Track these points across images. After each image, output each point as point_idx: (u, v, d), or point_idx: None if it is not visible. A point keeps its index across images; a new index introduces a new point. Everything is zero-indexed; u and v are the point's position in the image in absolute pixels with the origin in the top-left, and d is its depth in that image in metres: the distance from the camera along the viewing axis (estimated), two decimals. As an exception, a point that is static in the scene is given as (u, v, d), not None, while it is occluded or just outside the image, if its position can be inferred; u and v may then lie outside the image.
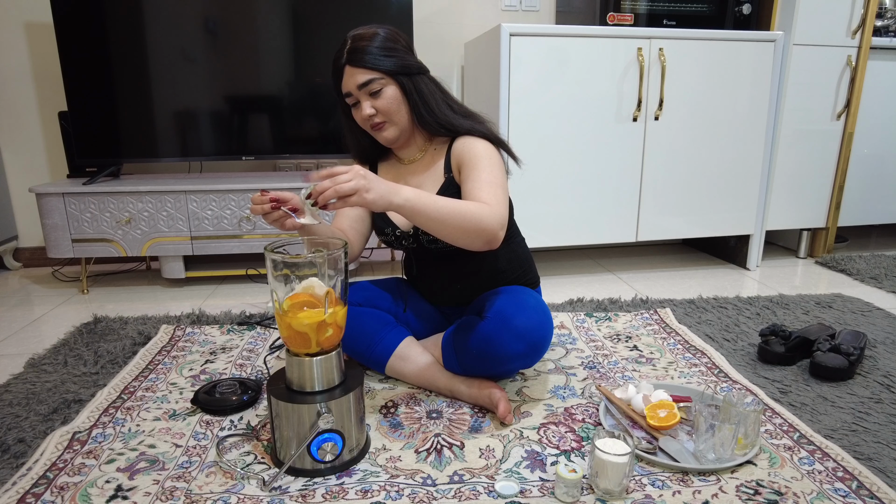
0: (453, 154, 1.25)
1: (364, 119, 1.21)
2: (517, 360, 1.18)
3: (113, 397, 1.27)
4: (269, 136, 2.14)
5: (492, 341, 1.16)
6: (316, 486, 0.99)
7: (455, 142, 1.26)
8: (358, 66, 1.16)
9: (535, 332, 1.17)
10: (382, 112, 1.20)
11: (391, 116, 1.21)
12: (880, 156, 2.40)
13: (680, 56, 2.02)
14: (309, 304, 0.98)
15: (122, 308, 1.90)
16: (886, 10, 2.32)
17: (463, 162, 1.22)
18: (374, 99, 1.19)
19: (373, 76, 1.17)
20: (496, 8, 2.41)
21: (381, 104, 1.19)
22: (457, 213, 1.06)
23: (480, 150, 1.20)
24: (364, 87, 1.17)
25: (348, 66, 1.17)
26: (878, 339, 1.58)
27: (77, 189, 1.94)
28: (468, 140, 1.23)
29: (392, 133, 1.23)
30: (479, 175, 1.17)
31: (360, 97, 1.19)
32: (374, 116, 1.20)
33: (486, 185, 1.15)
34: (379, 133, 1.23)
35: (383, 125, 1.22)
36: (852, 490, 0.97)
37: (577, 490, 0.95)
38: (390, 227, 1.32)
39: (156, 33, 2.00)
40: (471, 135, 1.24)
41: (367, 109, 1.19)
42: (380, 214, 1.33)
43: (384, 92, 1.18)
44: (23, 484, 0.98)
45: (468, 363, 1.22)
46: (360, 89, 1.18)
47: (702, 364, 1.44)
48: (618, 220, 2.14)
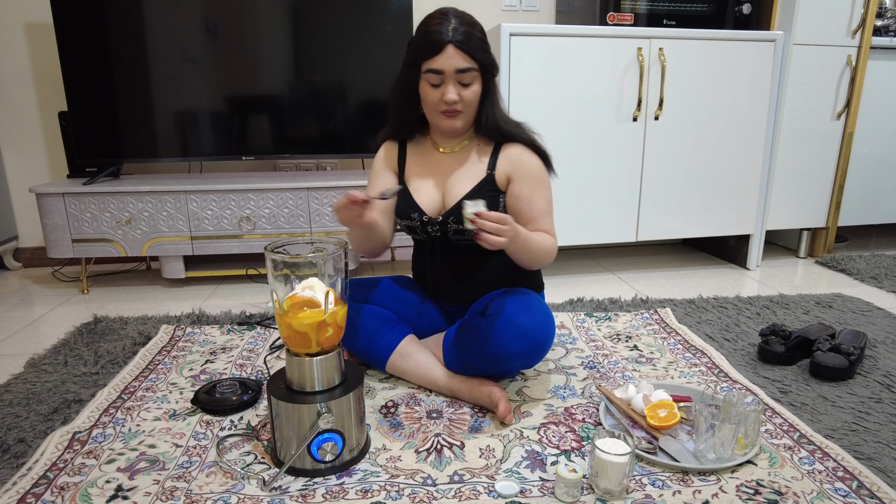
0: (503, 158, 1.27)
1: (441, 101, 1.20)
2: (519, 359, 1.18)
3: (113, 397, 1.27)
4: (269, 136, 2.14)
5: (494, 339, 1.17)
6: (316, 486, 0.99)
7: (506, 147, 1.28)
8: (464, 51, 1.16)
9: (537, 331, 1.18)
10: (464, 102, 1.20)
11: (468, 109, 1.22)
12: (880, 156, 2.40)
13: (680, 56, 2.02)
14: (309, 305, 0.98)
15: (122, 308, 1.90)
16: (886, 9, 2.32)
17: (519, 175, 1.26)
18: (462, 88, 1.19)
19: (473, 66, 1.17)
20: (496, 8, 2.41)
21: (467, 95, 1.20)
22: (542, 250, 1.22)
23: (536, 170, 1.27)
24: (460, 72, 1.17)
25: (453, 46, 1.15)
26: (878, 339, 1.58)
27: (77, 189, 1.94)
28: (524, 153, 1.27)
29: (461, 123, 1.24)
30: (539, 202, 1.27)
31: (450, 80, 1.18)
32: (455, 103, 1.19)
33: (546, 216, 1.28)
34: (449, 119, 1.23)
35: (458, 114, 1.22)
36: (852, 490, 0.97)
37: (578, 490, 0.95)
38: (417, 213, 1.30)
39: (156, 33, 2.00)
40: (523, 144, 1.27)
41: (452, 94, 1.18)
42: (405, 198, 1.32)
43: (472, 86, 1.20)
44: (23, 484, 0.98)
45: (469, 361, 1.22)
46: (456, 73, 1.17)
47: (702, 364, 1.44)
48: (618, 220, 2.14)
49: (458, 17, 1.17)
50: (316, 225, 2.06)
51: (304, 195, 2.02)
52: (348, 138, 2.17)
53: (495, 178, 1.27)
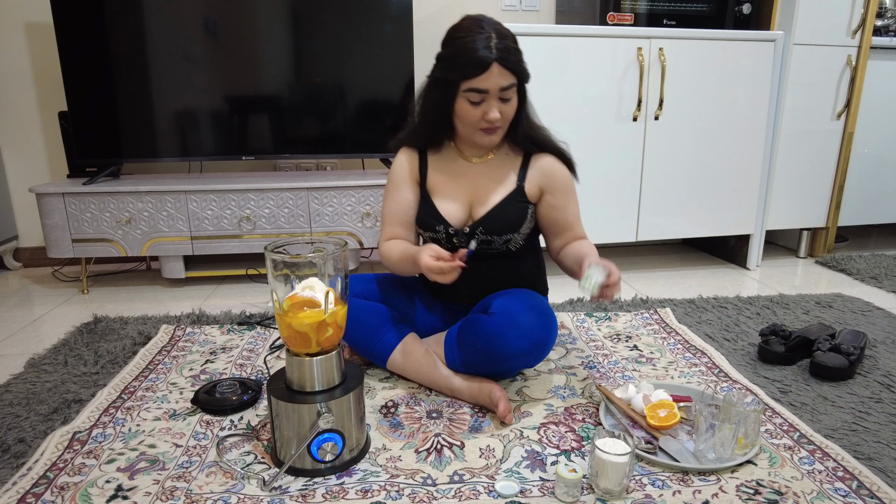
0: (534, 170, 1.27)
1: (483, 119, 1.16)
2: (520, 357, 1.19)
3: (113, 397, 1.27)
4: (269, 136, 2.14)
5: (497, 337, 1.17)
6: (316, 486, 0.99)
7: (535, 157, 1.27)
8: (508, 68, 1.11)
9: (539, 330, 1.18)
10: (504, 118, 1.17)
11: (507, 124, 1.19)
12: (880, 156, 2.40)
13: (680, 56, 2.02)
14: (309, 305, 0.98)
15: (122, 308, 1.90)
16: (886, 9, 2.32)
17: (553, 187, 1.27)
18: (503, 104, 1.15)
19: (514, 82, 1.14)
20: (496, 8, 2.41)
21: (507, 110, 1.17)
22: None
23: (568, 180, 1.28)
24: (504, 90, 1.13)
25: (497, 65, 1.10)
26: (878, 339, 1.58)
27: (77, 189, 1.94)
28: (555, 164, 1.27)
29: (499, 137, 1.22)
30: (573, 209, 1.30)
31: (493, 98, 1.14)
32: (497, 120, 1.16)
33: (579, 220, 1.32)
34: (488, 135, 1.19)
35: (497, 129, 1.19)
36: (852, 490, 0.97)
37: (577, 490, 0.95)
38: (442, 225, 1.27)
39: (156, 33, 2.00)
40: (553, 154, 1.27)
41: (496, 113, 1.14)
42: (428, 210, 1.29)
43: (513, 99, 1.17)
44: (23, 484, 0.98)
45: (471, 359, 1.22)
46: (499, 91, 1.13)
47: (702, 364, 1.44)
48: (618, 220, 2.14)
49: (495, 29, 1.12)
50: (316, 225, 2.06)
51: (304, 195, 2.02)
52: (348, 138, 2.17)
53: (525, 190, 1.27)
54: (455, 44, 1.14)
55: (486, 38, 1.10)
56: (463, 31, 1.14)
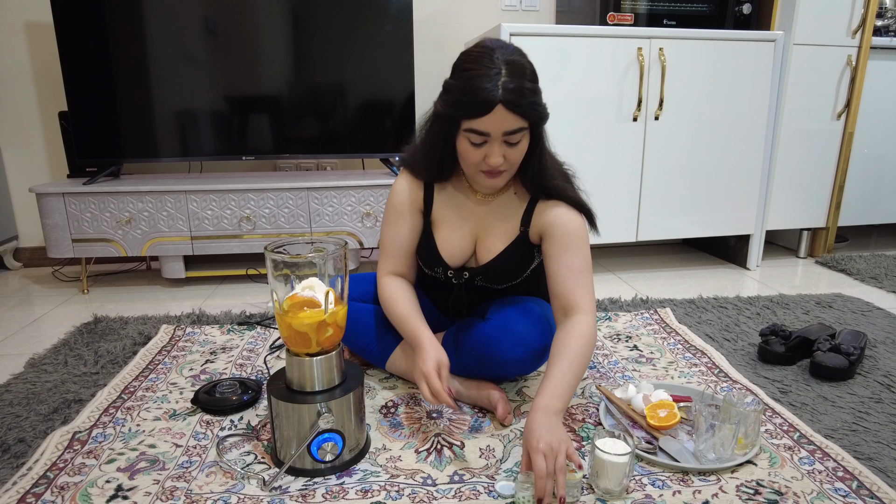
0: (539, 216, 1.15)
1: (485, 163, 1.05)
2: (515, 365, 1.18)
3: (113, 397, 1.27)
4: (269, 136, 2.14)
5: (491, 344, 1.16)
6: (316, 486, 0.99)
7: (543, 203, 1.15)
8: (514, 112, 0.98)
9: (535, 339, 1.17)
10: (509, 162, 1.05)
11: (512, 167, 1.07)
12: (880, 156, 2.40)
13: (680, 56, 2.02)
14: (309, 305, 0.98)
15: (122, 308, 1.90)
16: (886, 9, 2.32)
17: (554, 236, 1.12)
18: (508, 148, 1.03)
19: (523, 126, 1.01)
20: (496, 8, 2.41)
21: (513, 155, 1.04)
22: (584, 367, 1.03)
23: (574, 229, 1.11)
24: (509, 134, 1.01)
25: (503, 107, 0.97)
26: (879, 339, 1.58)
27: (77, 189, 1.94)
28: (562, 212, 1.12)
29: (504, 181, 1.10)
30: (573, 263, 1.09)
31: (495, 142, 1.02)
32: (500, 165, 1.04)
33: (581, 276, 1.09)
34: (489, 180, 1.08)
35: (500, 174, 1.07)
36: (852, 490, 0.97)
37: (577, 490, 0.95)
38: (441, 267, 1.23)
39: (156, 33, 2.00)
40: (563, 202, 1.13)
41: (497, 158, 1.02)
42: (428, 249, 1.22)
43: (521, 144, 1.04)
44: (23, 484, 0.98)
45: (466, 364, 1.21)
46: (503, 135, 1.01)
47: (702, 364, 1.44)
48: (618, 220, 2.14)
49: (508, 66, 0.98)
50: (316, 225, 2.06)
51: (304, 195, 2.02)
52: (348, 138, 2.17)
53: (529, 236, 1.17)
54: (461, 76, 1.02)
55: (494, 76, 0.97)
56: (471, 61, 1.01)
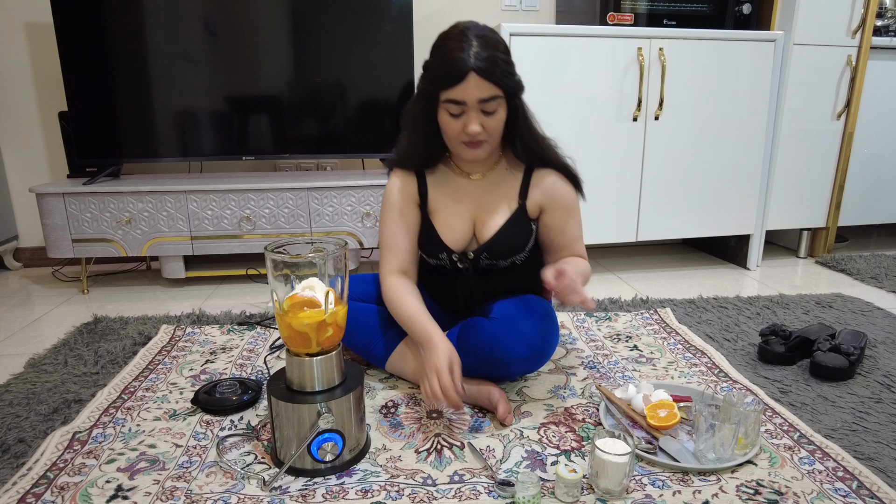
0: (535, 188, 1.21)
1: (463, 133, 1.11)
2: (520, 364, 1.18)
3: (113, 397, 1.27)
4: (269, 136, 2.14)
5: (496, 343, 1.16)
6: (316, 486, 0.99)
7: (538, 173, 1.21)
8: (487, 79, 1.05)
9: (539, 338, 1.17)
10: (488, 132, 1.11)
11: (492, 137, 1.13)
12: (880, 156, 2.40)
13: (680, 56, 2.02)
14: (309, 305, 0.98)
15: (122, 308, 1.90)
16: (886, 9, 2.32)
17: (553, 207, 1.23)
18: (486, 117, 1.09)
19: (497, 94, 1.07)
20: (496, 8, 2.41)
21: (491, 124, 1.10)
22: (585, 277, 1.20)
23: (571, 199, 1.24)
24: (484, 102, 1.07)
25: (475, 74, 1.04)
26: (879, 339, 1.58)
27: (77, 189, 1.94)
28: (558, 181, 1.22)
29: (485, 152, 1.15)
30: (574, 229, 1.26)
31: (472, 111, 1.08)
32: (479, 134, 1.10)
33: (578, 241, 1.28)
34: (472, 150, 1.13)
35: (481, 144, 1.12)
36: (852, 490, 0.97)
37: (578, 490, 0.95)
38: (445, 252, 1.24)
39: (156, 33, 2.00)
40: (556, 170, 1.21)
41: (475, 126, 1.08)
42: (430, 238, 1.25)
43: (497, 113, 1.10)
44: (23, 484, 0.98)
45: (470, 363, 1.21)
46: (479, 103, 1.07)
47: (702, 364, 1.44)
48: (618, 220, 2.14)
49: (479, 39, 1.06)
50: (316, 225, 2.06)
51: (304, 195, 2.02)
52: (348, 138, 2.17)
53: (527, 208, 1.23)
54: (437, 52, 1.10)
55: (467, 48, 1.04)
56: (447, 39, 1.09)
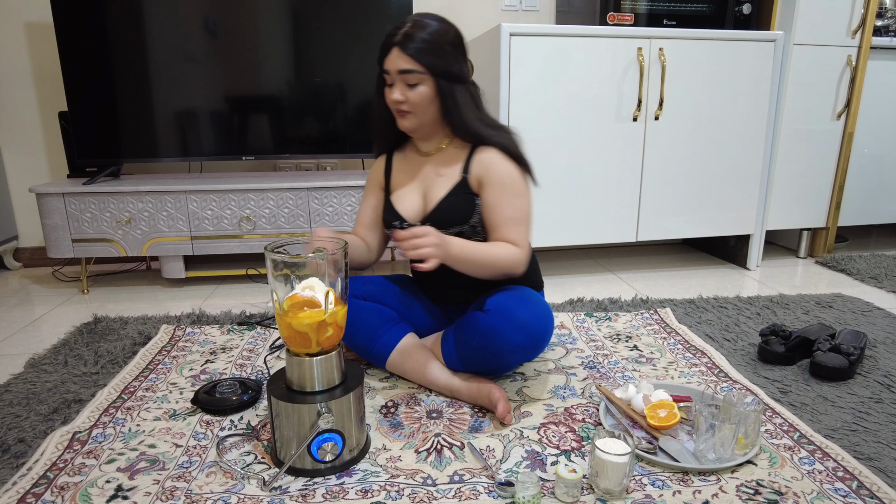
0: (476, 161, 1.28)
1: (392, 101, 1.24)
2: (518, 352, 1.19)
3: (113, 397, 1.27)
4: (269, 136, 2.14)
5: (494, 333, 1.17)
6: (316, 486, 0.99)
7: (480, 150, 1.28)
8: (405, 53, 1.19)
9: (536, 324, 1.19)
10: (410, 103, 1.23)
11: (416, 110, 1.24)
12: (880, 156, 2.40)
13: (680, 56, 2.02)
14: (309, 305, 0.98)
15: (122, 308, 1.90)
16: (886, 9, 2.32)
17: (488, 181, 1.26)
18: (408, 89, 1.22)
19: (414, 68, 1.19)
20: (496, 8, 2.41)
21: (413, 96, 1.22)
22: (495, 262, 1.22)
23: (506, 175, 1.25)
24: (403, 73, 1.20)
25: (396, 48, 1.19)
26: (879, 339, 1.58)
27: (77, 189, 1.94)
28: (496, 157, 1.26)
29: (411, 123, 1.26)
30: (506, 210, 1.25)
31: (396, 81, 1.22)
32: (401, 103, 1.23)
33: (514, 224, 1.26)
34: (400, 119, 1.27)
35: (407, 114, 1.25)
36: (852, 490, 0.97)
37: (577, 490, 0.95)
38: (398, 221, 1.34)
39: (156, 33, 2.00)
40: (495, 146, 1.27)
41: (397, 95, 1.22)
42: (388, 207, 1.36)
43: (419, 87, 1.21)
44: (23, 484, 0.98)
45: (469, 357, 1.22)
46: (399, 74, 1.20)
47: (702, 364, 1.44)
48: (618, 220, 2.14)
49: (412, 22, 1.21)
50: (316, 225, 2.06)
51: (304, 195, 2.02)
52: (348, 138, 2.17)
53: (469, 182, 1.28)
54: None
55: (399, 28, 1.21)
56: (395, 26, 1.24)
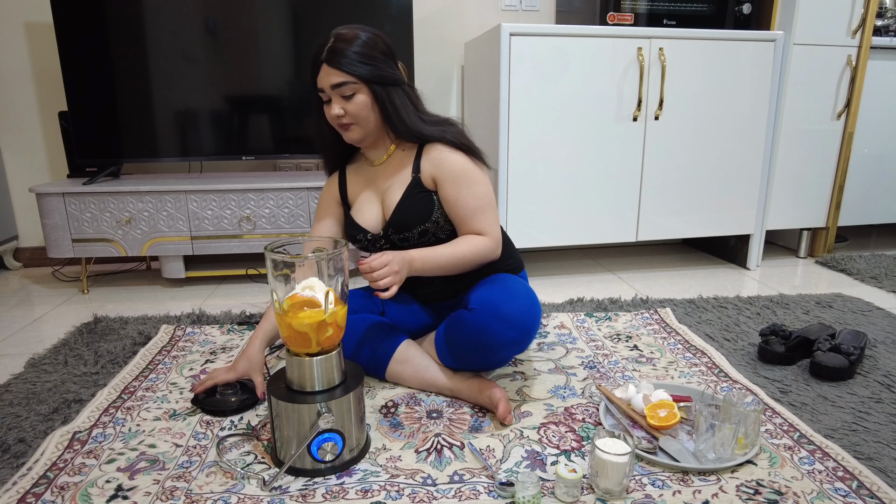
0: (425, 160, 1.28)
1: (332, 118, 1.24)
2: (509, 346, 1.19)
3: (113, 397, 1.27)
4: (269, 136, 2.14)
5: (483, 331, 1.17)
6: (316, 486, 0.99)
7: (426, 147, 1.28)
8: (334, 67, 1.18)
9: (524, 317, 1.19)
10: (350, 115, 1.22)
11: (358, 120, 1.23)
12: (880, 156, 2.40)
13: (680, 56, 2.02)
14: (309, 305, 0.98)
15: (122, 308, 1.90)
16: (886, 9, 2.32)
17: (443, 177, 1.26)
18: (345, 101, 1.21)
19: (346, 79, 1.19)
20: (496, 8, 2.41)
21: (351, 108, 1.21)
22: (464, 258, 1.24)
23: (459, 168, 1.25)
24: (337, 87, 1.19)
25: (325, 65, 1.19)
26: (879, 339, 1.58)
27: (77, 189, 1.94)
28: (443, 151, 1.26)
29: (357, 134, 1.26)
30: (468, 201, 1.25)
31: (332, 96, 1.21)
32: (342, 117, 1.22)
33: (478, 213, 1.26)
34: (344, 132, 1.26)
35: (350, 126, 1.24)
36: (852, 490, 0.97)
37: (577, 490, 0.95)
38: (361, 233, 1.34)
39: (156, 33, 2.00)
40: (441, 142, 1.27)
41: (336, 110, 1.21)
42: (350, 223, 1.35)
43: (355, 97, 1.21)
44: (23, 484, 0.98)
45: (461, 356, 1.22)
46: (333, 89, 1.20)
47: (702, 364, 1.44)
48: (618, 220, 2.14)
49: (335, 36, 1.20)
50: (316, 225, 2.06)
51: (304, 195, 2.02)
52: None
53: (421, 181, 1.28)
54: None
55: (323, 44, 1.20)
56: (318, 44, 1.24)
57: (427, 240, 1.30)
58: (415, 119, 1.26)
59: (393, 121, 1.25)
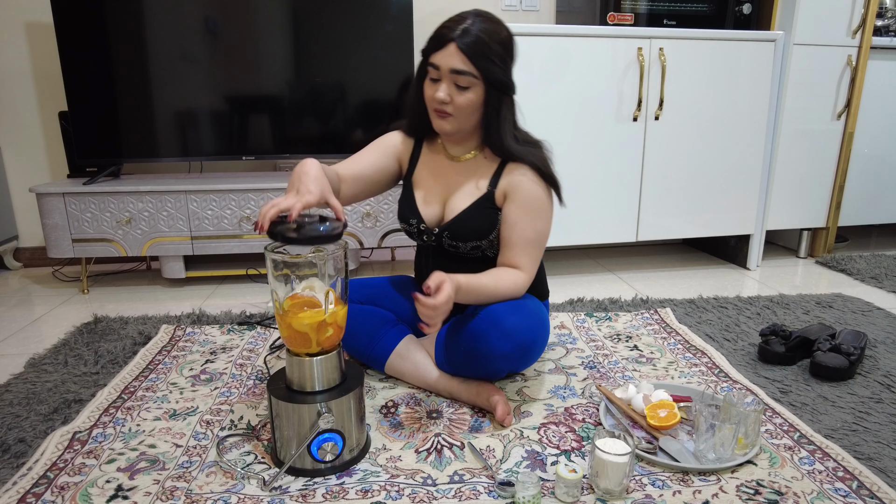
0: (506, 177, 1.22)
1: (434, 99, 1.15)
2: (503, 359, 1.16)
3: (113, 397, 1.27)
4: (270, 136, 2.14)
5: (479, 338, 1.15)
6: (316, 486, 0.99)
7: (510, 165, 1.22)
8: (465, 53, 1.10)
9: (524, 333, 1.15)
10: (455, 106, 1.15)
11: (459, 114, 1.16)
12: (880, 156, 2.40)
13: (680, 56, 2.02)
14: (309, 305, 0.98)
15: (122, 308, 1.90)
16: (886, 9, 2.32)
17: (514, 198, 1.20)
18: (457, 91, 1.13)
19: (470, 70, 1.11)
20: (496, 8, 2.41)
21: (460, 100, 1.14)
22: (497, 297, 1.18)
23: (534, 198, 1.20)
24: (456, 73, 1.12)
25: (455, 45, 1.10)
26: (879, 339, 1.58)
27: (77, 189, 1.94)
28: (528, 175, 1.20)
29: (451, 127, 1.19)
30: (525, 231, 1.20)
31: (445, 78, 1.13)
32: (445, 104, 1.15)
33: (529, 247, 1.21)
34: (438, 119, 1.19)
35: (447, 116, 1.17)
36: (852, 490, 0.97)
37: (578, 490, 0.95)
38: (416, 219, 1.29)
39: (156, 33, 2.00)
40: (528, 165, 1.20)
41: (442, 94, 1.13)
42: (406, 201, 1.30)
43: (469, 91, 1.13)
44: (23, 484, 0.98)
45: (457, 361, 1.21)
46: (451, 73, 1.12)
47: (702, 364, 1.44)
48: (618, 220, 2.14)
49: (477, 19, 1.12)
50: (316, 225, 2.06)
51: (305, 195, 2.02)
52: (348, 138, 2.17)
53: (494, 196, 1.23)
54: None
55: (460, 23, 1.11)
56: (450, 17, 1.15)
57: (475, 254, 1.27)
58: (510, 136, 1.19)
59: (491, 130, 1.18)
